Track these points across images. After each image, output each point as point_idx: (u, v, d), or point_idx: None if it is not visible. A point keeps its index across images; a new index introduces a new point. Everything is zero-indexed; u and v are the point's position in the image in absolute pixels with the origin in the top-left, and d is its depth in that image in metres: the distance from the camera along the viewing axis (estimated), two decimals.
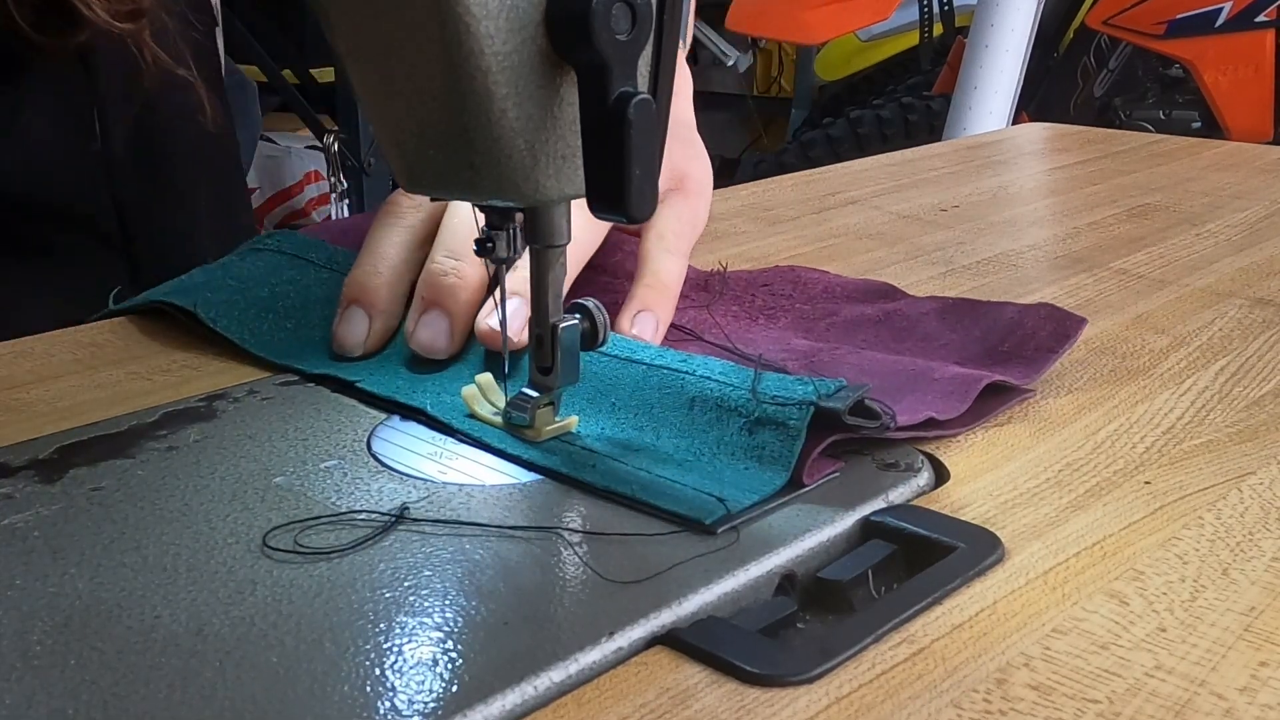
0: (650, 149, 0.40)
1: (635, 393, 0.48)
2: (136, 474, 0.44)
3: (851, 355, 0.54)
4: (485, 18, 0.39)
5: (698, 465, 0.44)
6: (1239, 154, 1.09)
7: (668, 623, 0.35)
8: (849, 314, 0.61)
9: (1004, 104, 2.39)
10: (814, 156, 3.07)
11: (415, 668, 0.32)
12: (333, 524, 0.40)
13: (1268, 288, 0.69)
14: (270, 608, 0.35)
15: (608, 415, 0.48)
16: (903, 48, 3.46)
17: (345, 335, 0.54)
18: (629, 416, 0.48)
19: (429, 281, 0.52)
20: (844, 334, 0.59)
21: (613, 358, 0.50)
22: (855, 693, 0.33)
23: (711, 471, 0.44)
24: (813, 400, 0.44)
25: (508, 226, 0.45)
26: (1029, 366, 0.53)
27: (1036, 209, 0.91)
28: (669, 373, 0.48)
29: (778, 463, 0.44)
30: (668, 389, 0.48)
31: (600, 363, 0.50)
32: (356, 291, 0.54)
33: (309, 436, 0.47)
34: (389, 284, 0.54)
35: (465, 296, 0.52)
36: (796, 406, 0.44)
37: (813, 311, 0.62)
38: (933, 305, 0.60)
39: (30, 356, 0.57)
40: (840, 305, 0.62)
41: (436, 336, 0.52)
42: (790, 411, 0.44)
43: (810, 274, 0.66)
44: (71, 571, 0.37)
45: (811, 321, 0.61)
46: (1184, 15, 2.61)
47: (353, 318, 0.54)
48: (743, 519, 0.41)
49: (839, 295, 0.63)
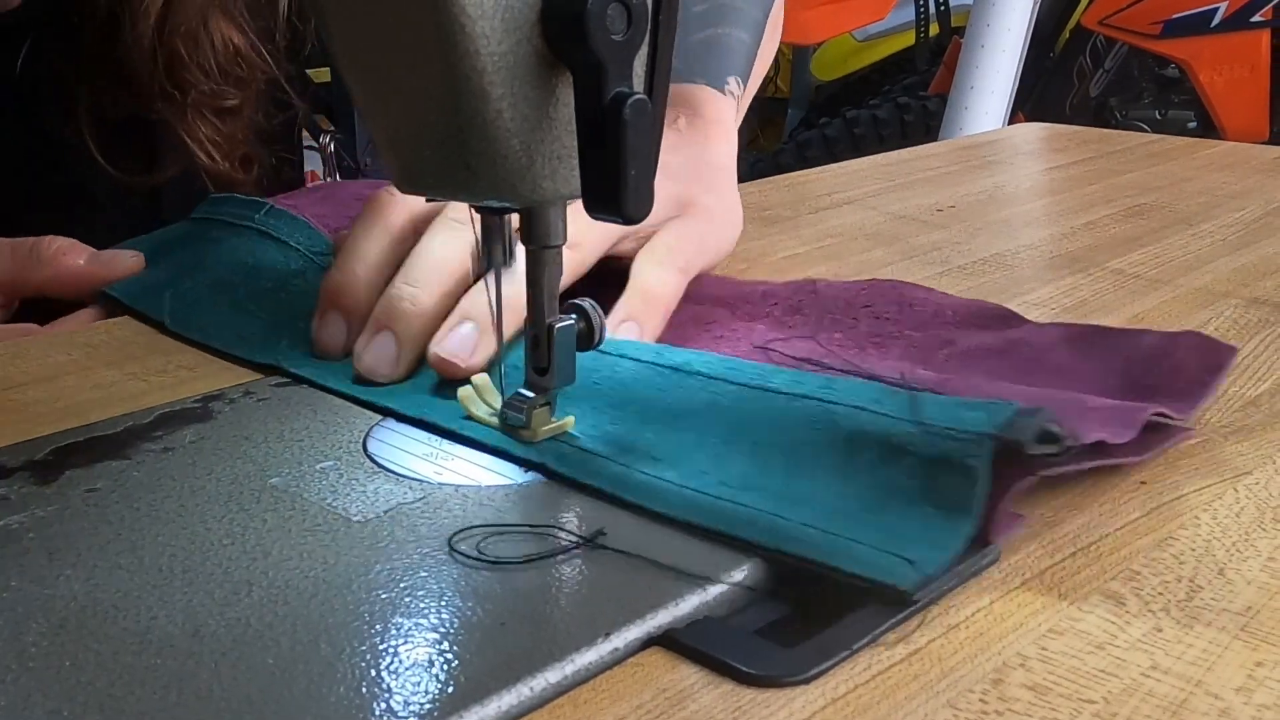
0: (646, 149, 0.40)
1: (778, 429, 0.43)
2: (132, 475, 0.44)
3: (988, 386, 0.48)
4: (481, 18, 0.39)
5: (861, 514, 0.39)
6: (1235, 154, 1.09)
7: (664, 623, 0.35)
8: (967, 343, 0.56)
9: (1000, 104, 2.39)
10: (810, 156, 3.07)
11: (411, 669, 0.32)
12: (523, 535, 0.39)
13: (1263, 287, 0.69)
14: (266, 609, 0.35)
15: (744, 457, 0.43)
16: (899, 48, 3.46)
17: (325, 340, 0.54)
18: (776, 456, 0.42)
19: (385, 305, 0.52)
20: (966, 366, 0.53)
21: (743, 385, 0.46)
22: (851, 693, 0.33)
23: (880, 522, 0.38)
24: (991, 433, 0.39)
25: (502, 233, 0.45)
26: (1181, 401, 0.48)
27: (1032, 209, 0.91)
28: (815, 403, 0.44)
29: (959, 509, 0.38)
30: (817, 422, 0.43)
31: (727, 394, 0.46)
32: (335, 295, 0.54)
33: (305, 438, 0.47)
34: (367, 286, 0.54)
35: (418, 325, 0.51)
36: (974, 441, 0.39)
37: (925, 340, 0.57)
38: (1059, 333, 0.56)
39: (26, 357, 0.57)
40: (955, 332, 0.57)
41: (380, 361, 0.51)
42: (968, 447, 0.39)
43: (915, 292, 0.61)
44: (67, 573, 0.37)
45: (927, 352, 0.55)
46: (1180, 15, 2.62)
47: (332, 322, 0.54)
48: (939, 584, 0.37)
49: (951, 320, 0.59)
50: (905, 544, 0.37)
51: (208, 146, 0.75)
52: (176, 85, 0.73)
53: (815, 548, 0.37)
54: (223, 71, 0.75)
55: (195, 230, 0.69)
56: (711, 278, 0.65)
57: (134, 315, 0.62)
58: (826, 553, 0.37)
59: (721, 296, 0.62)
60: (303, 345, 0.55)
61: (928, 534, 0.37)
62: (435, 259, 0.52)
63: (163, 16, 0.72)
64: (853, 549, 0.37)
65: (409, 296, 0.51)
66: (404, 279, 0.52)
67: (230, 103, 0.75)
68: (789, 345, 0.55)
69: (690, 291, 0.61)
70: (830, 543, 0.37)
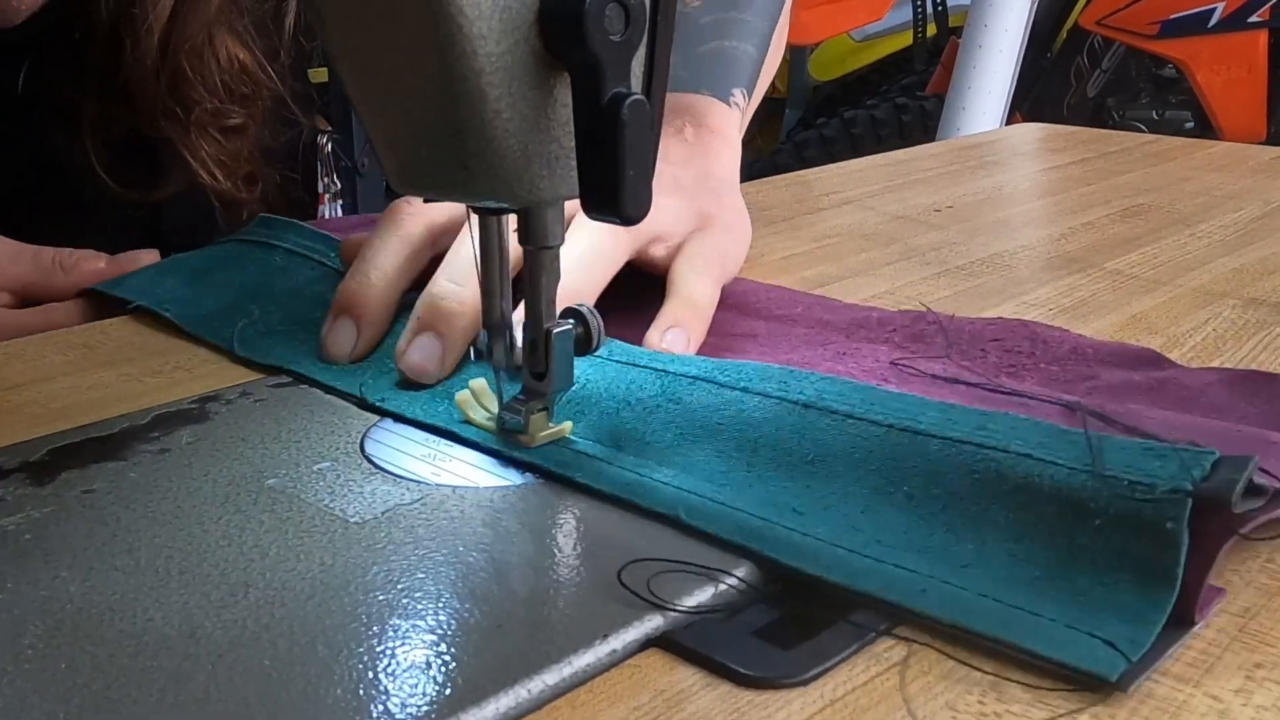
0: (644, 150, 0.40)
1: (934, 479, 0.39)
2: (129, 476, 0.44)
3: (1150, 412, 0.44)
4: (478, 18, 0.39)
5: (1042, 582, 0.35)
6: (1232, 154, 1.09)
7: (662, 625, 0.35)
8: (1111, 378, 0.52)
9: (997, 104, 2.39)
10: (808, 157, 3.07)
11: (409, 671, 0.32)
12: (691, 574, 0.37)
13: (1261, 288, 0.69)
14: (263, 610, 0.35)
15: (898, 511, 0.39)
16: (896, 48, 3.46)
17: (333, 345, 0.54)
18: (934, 510, 0.38)
19: (428, 304, 0.52)
20: (1113, 398, 0.49)
21: (889, 427, 0.41)
22: (849, 695, 0.32)
23: (1065, 593, 0.34)
24: (1188, 489, 0.35)
25: (504, 333, 0.45)
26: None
27: (1030, 209, 0.91)
28: (973, 449, 0.39)
29: (1157, 580, 0.34)
30: (977, 471, 0.38)
31: (872, 437, 0.41)
32: (348, 301, 0.54)
33: (302, 438, 0.47)
34: (380, 294, 0.54)
35: (462, 324, 0.51)
36: (1169, 500, 0.35)
37: (1064, 373, 0.53)
38: (1215, 376, 0.52)
39: (22, 358, 0.57)
40: (1097, 369, 0.53)
41: (428, 360, 0.51)
42: (1163, 507, 0.35)
43: (1050, 332, 0.58)
44: (63, 574, 0.37)
45: (1067, 384, 0.51)
46: (1177, 15, 2.62)
47: (342, 328, 0.54)
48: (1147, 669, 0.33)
49: (1092, 358, 0.55)
50: (1098, 620, 0.33)
51: (210, 165, 0.75)
52: (180, 102, 0.73)
53: (1000, 624, 0.34)
54: (227, 89, 0.75)
55: (255, 255, 0.67)
56: (814, 298, 0.64)
57: (126, 317, 0.62)
58: (1013, 630, 0.33)
59: (832, 321, 0.60)
60: (388, 374, 0.53)
61: (1122, 608, 0.34)
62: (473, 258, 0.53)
63: (166, 33, 0.72)
64: (1040, 626, 0.33)
65: (452, 295, 0.51)
66: (446, 276, 0.52)
67: (234, 121, 0.75)
68: (923, 365, 0.52)
69: (797, 315, 0.61)
70: (1014, 618, 0.34)
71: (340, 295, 0.55)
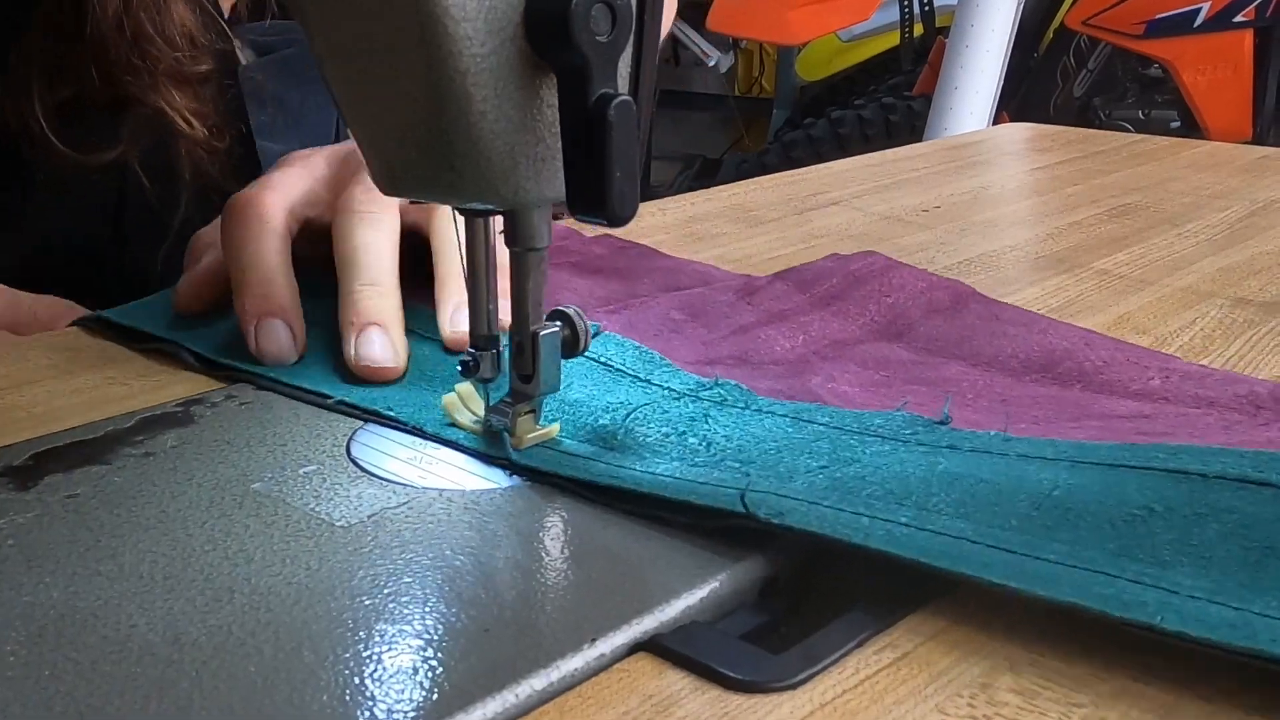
0: (631, 151, 0.39)
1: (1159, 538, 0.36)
2: (113, 480, 0.43)
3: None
4: (464, 19, 0.38)
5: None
6: (1218, 154, 1.10)
7: (650, 629, 0.35)
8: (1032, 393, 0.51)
9: (984, 104, 2.40)
10: (796, 157, 3.08)
11: (395, 676, 0.32)
12: None
13: (1248, 287, 0.69)
14: (248, 615, 0.35)
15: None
16: (883, 48, 3.46)
17: (273, 346, 0.53)
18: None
19: (358, 305, 0.52)
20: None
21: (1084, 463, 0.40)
22: (839, 698, 0.32)
23: None
24: None
25: (492, 349, 0.45)
26: None
27: (1017, 209, 0.91)
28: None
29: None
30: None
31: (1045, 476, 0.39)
32: (265, 306, 0.53)
33: (288, 442, 0.47)
34: (292, 289, 0.54)
35: (397, 314, 0.53)
36: None
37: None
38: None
39: (4, 361, 0.56)
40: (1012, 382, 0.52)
41: (385, 351, 0.51)
42: None
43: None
44: (46, 580, 0.37)
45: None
46: (1163, 15, 2.63)
47: (275, 329, 0.53)
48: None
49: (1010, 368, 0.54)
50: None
51: (185, 114, 0.74)
52: (142, 56, 0.72)
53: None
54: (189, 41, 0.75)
55: None
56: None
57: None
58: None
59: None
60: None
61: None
62: (374, 255, 0.54)
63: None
64: None
65: (375, 294, 0.52)
66: (360, 281, 0.53)
67: (201, 68, 0.75)
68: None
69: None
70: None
71: (251, 298, 0.54)
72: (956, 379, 0.53)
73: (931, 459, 0.42)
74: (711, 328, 0.59)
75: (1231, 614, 0.32)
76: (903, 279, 0.62)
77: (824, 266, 0.65)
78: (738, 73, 4.57)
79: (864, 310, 0.60)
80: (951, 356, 0.55)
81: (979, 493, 0.39)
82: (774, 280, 0.63)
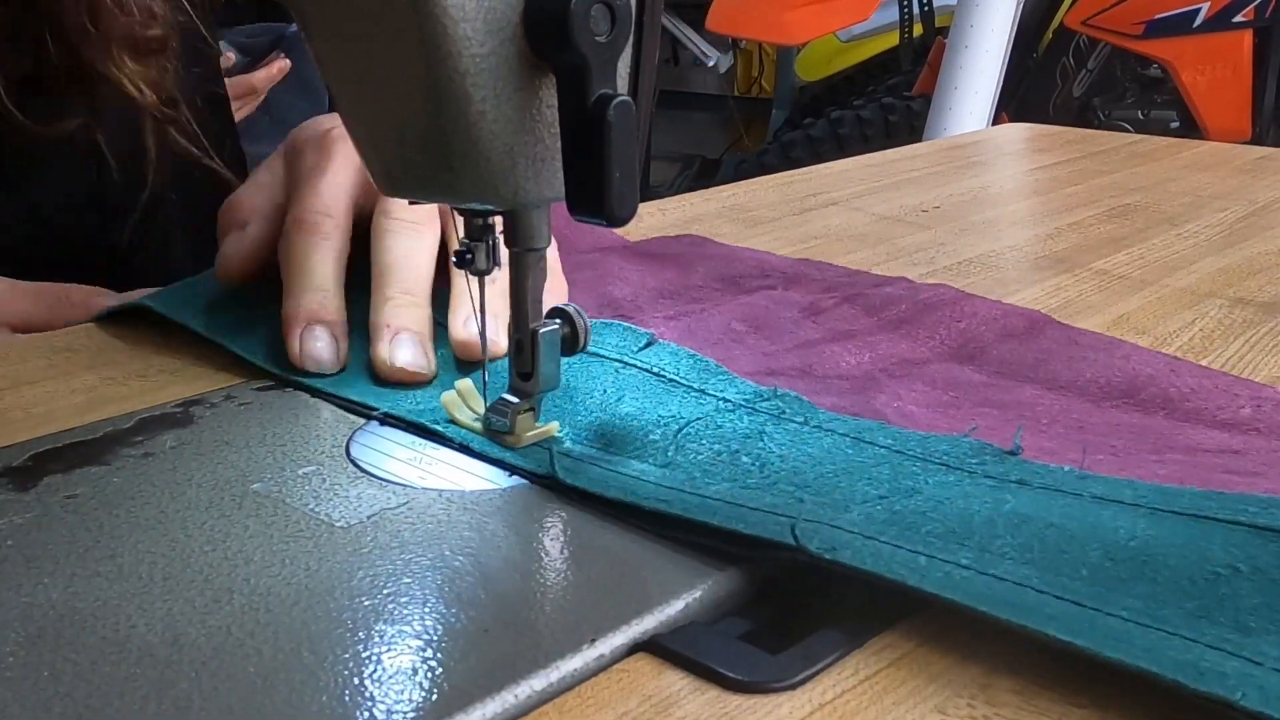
0: (630, 151, 0.39)
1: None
2: (112, 481, 0.43)
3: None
4: (463, 19, 0.38)
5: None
6: (1218, 154, 1.10)
7: (649, 629, 0.35)
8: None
9: (984, 104, 2.39)
10: (795, 157, 3.07)
11: (395, 676, 0.32)
12: None
13: (1248, 287, 0.69)
14: (247, 616, 0.35)
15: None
16: (883, 48, 3.47)
17: (317, 352, 0.53)
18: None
19: (392, 313, 0.52)
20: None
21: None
22: (839, 699, 0.32)
23: None
24: None
25: (487, 238, 0.45)
26: None
27: (1017, 210, 0.91)
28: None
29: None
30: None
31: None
32: (314, 313, 0.53)
33: (287, 442, 0.47)
34: (341, 306, 0.54)
35: (429, 325, 0.53)
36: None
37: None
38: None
39: (4, 362, 0.56)
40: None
41: (417, 356, 0.51)
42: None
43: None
44: (45, 581, 0.37)
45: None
46: (1162, 15, 2.63)
47: (319, 336, 0.53)
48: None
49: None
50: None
51: (138, 82, 0.74)
52: (97, 24, 0.73)
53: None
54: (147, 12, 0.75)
55: None
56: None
57: (110, 320, 0.62)
58: None
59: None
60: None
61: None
62: (408, 266, 0.54)
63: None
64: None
65: (410, 302, 0.53)
66: (396, 288, 0.53)
67: (154, 32, 0.75)
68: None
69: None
70: None
71: (302, 307, 0.54)
72: (1031, 403, 0.50)
73: (999, 495, 0.39)
74: (774, 340, 0.57)
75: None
76: (975, 307, 0.60)
77: (892, 293, 0.63)
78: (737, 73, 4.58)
79: (934, 334, 0.58)
80: (1026, 380, 0.53)
81: (1048, 537, 0.37)
82: (841, 303, 0.62)
